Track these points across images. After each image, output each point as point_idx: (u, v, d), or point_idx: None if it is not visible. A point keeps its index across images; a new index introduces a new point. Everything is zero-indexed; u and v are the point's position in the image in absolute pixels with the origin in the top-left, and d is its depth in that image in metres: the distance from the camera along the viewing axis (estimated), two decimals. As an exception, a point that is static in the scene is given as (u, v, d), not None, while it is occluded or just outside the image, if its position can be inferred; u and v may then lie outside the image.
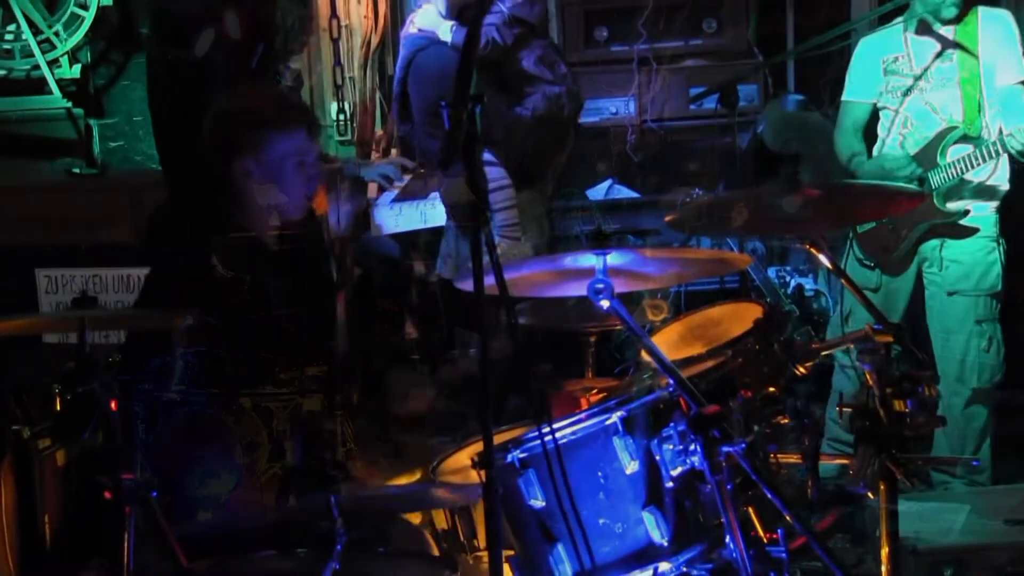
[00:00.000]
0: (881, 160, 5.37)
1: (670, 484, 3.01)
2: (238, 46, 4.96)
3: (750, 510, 3.17)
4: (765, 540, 3.10)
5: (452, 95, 2.56)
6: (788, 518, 2.93)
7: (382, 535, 3.40)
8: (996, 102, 5.24)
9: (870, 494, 2.98)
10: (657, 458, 3.01)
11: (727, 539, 2.91)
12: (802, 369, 3.43)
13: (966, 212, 5.28)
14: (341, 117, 6.86)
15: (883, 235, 5.44)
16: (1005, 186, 5.33)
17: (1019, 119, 5.10)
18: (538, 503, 3.01)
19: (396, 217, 6.44)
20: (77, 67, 6.82)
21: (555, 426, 2.91)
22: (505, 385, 2.91)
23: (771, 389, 3.35)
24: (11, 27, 6.78)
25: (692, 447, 2.92)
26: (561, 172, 6.26)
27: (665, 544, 2.98)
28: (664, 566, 2.96)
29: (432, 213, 6.21)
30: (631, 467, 3.00)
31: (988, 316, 5.38)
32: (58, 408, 4.13)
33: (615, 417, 3.01)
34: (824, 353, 3.46)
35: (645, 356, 3.57)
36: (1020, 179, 5.41)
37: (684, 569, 2.97)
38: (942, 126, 5.26)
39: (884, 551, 3.02)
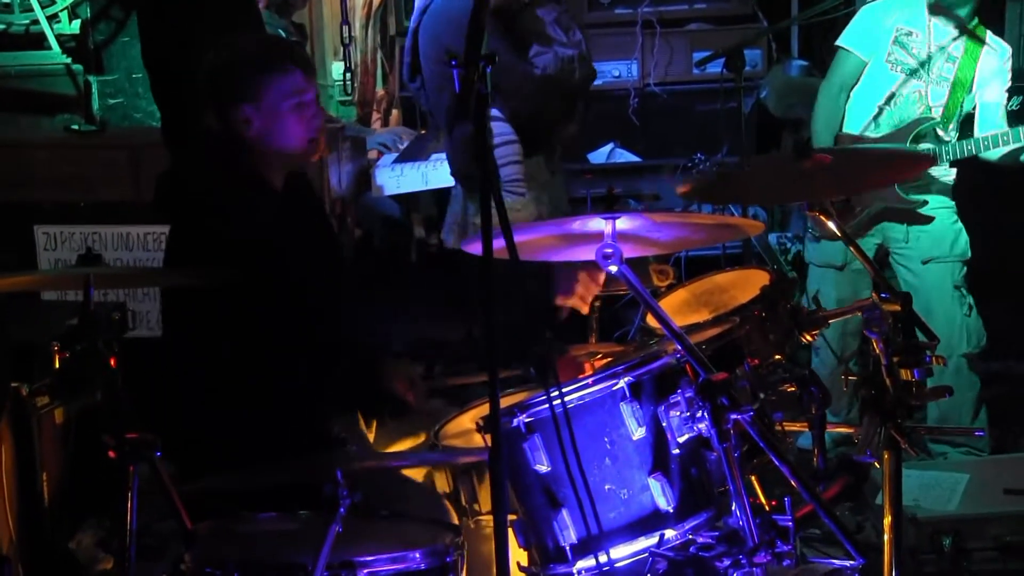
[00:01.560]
0: None
1: (677, 451, 2.99)
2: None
3: (753, 478, 3.17)
4: (768, 508, 3.10)
5: (463, 53, 2.52)
6: (795, 486, 2.92)
7: (389, 497, 3.38)
8: (974, 111, 5.40)
9: (877, 463, 2.97)
10: (664, 424, 2.99)
11: (733, 506, 2.90)
12: (808, 337, 3.42)
13: (924, 203, 5.36)
14: (347, 76, 6.82)
15: (838, 208, 5.47)
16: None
17: (990, 129, 5.31)
18: (543, 468, 2.99)
19: (397, 178, 6.42)
20: (77, 23, 6.78)
21: (562, 391, 2.89)
22: (508, 351, 2.89)
23: (777, 356, 3.34)
24: (10, -20, 6.76)
25: (699, 414, 2.90)
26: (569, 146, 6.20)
27: (671, 511, 2.96)
28: (670, 533, 2.95)
29: (433, 175, 6.19)
30: (638, 433, 2.98)
31: (963, 283, 5.45)
32: (57, 366, 4.13)
33: (622, 382, 2.99)
34: (831, 321, 3.44)
35: (652, 321, 3.57)
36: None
37: (690, 536, 2.96)
38: (919, 115, 5.34)
39: (887, 520, 3.00)
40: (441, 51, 5.63)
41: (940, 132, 5.31)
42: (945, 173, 5.37)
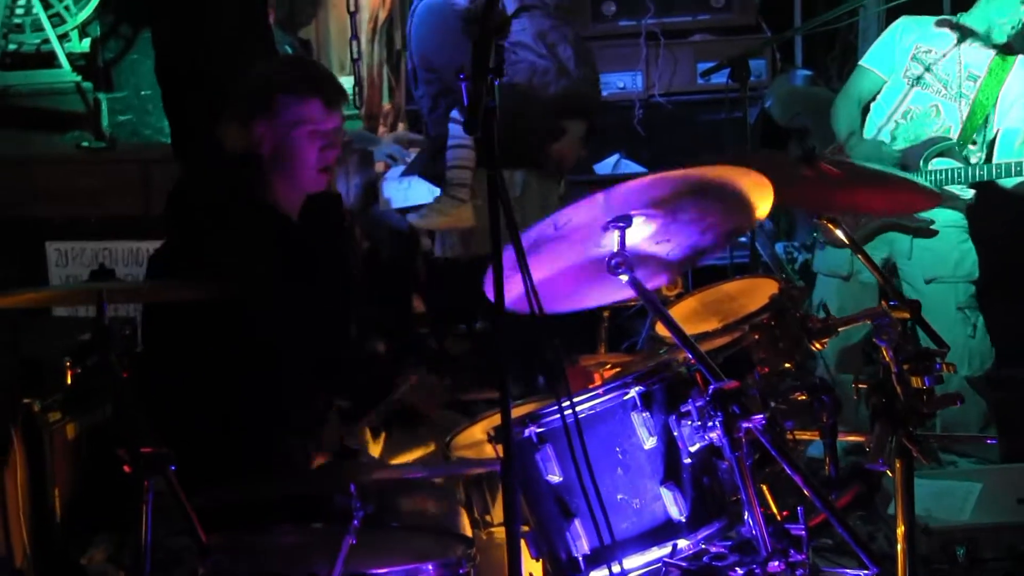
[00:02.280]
0: (874, 146, 5.36)
1: (688, 460, 2.99)
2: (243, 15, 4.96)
3: (764, 488, 3.17)
4: (779, 517, 3.10)
5: (470, 66, 2.53)
6: (808, 495, 2.92)
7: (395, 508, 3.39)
8: (992, 136, 5.36)
9: (889, 472, 2.97)
10: (675, 434, 2.99)
11: (745, 516, 2.89)
12: (818, 345, 3.42)
13: (931, 222, 5.35)
14: (356, 90, 6.85)
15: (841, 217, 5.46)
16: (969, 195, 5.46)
17: (1008, 156, 5.28)
18: (555, 478, 2.99)
19: (405, 191, 6.41)
20: (87, 41, 6.82)
21: (573, 401, 2.88)
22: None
23: (787, 365, 3.35)
24: (21, 1, 6.77)
25: (711, 423, 2.89)
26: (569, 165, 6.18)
27: (683, 521, 2.96)
28: (682, 543, 2.95)
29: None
30: (649, 443, 2.98)
31: (968, 304, 5.41)
32: (69, 381, 4.15)
33: (633, 392, 2.99)
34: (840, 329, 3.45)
35: (661, 330, 3.57)
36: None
37: (702, 546, 2.96)
38: (936, 133, 5.33)
39: (900, 529, 3.00)
40: (419, 59, 5.72)
41: (957, 151, 5.30)
42: (963, 190, 5.35)
